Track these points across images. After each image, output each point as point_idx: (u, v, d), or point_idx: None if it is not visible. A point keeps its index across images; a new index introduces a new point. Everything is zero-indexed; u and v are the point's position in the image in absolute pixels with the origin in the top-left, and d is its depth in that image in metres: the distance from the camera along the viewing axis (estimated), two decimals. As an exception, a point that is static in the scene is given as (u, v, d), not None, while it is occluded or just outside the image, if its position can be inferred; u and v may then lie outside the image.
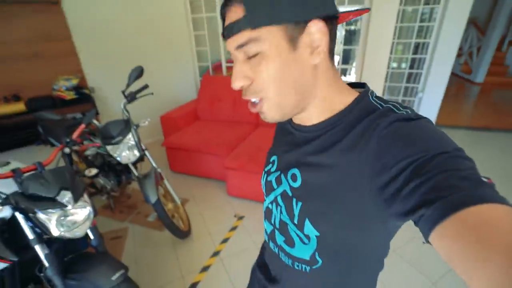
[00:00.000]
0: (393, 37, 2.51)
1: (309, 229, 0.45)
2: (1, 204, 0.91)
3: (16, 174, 0.96)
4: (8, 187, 0.97)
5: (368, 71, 2.63)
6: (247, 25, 0.37)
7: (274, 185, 0.53)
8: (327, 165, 0.43)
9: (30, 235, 0.96)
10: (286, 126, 0.55)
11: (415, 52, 3.45)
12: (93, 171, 1.24)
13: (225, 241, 1.90)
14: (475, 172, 0.31)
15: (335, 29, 0.42)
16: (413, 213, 0.30)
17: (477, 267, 0.24)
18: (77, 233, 1.03)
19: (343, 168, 0.41)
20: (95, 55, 2.81)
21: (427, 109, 3.50)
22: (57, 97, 2.61)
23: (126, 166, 1.78)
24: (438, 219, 0.28)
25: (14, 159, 1.19)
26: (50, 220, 0.96)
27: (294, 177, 0.48)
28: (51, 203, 0.96)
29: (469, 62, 6.05)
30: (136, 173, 1.74)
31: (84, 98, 2.72)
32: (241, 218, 2.10)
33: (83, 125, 1.29)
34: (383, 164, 0.35)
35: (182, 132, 2.72)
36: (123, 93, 1.69)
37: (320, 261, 0.48)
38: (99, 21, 2.73)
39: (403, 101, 3.75)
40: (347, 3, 2.66)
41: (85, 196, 1.10)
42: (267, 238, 0.60)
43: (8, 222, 0.99)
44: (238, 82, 0.42)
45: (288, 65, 0.39)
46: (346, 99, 0.44)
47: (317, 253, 0.47)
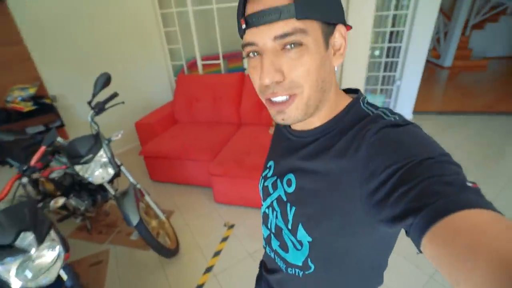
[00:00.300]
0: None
1: (302, 234, 0.46)
2: None
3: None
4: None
5: (349, 62, 2.58)
6: (294, 14, 0.35)
7: (271, 190, 0.53)
8: (319, 171, 0.43)
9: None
10: (283, 132, 0.55)
11: (389, 41, 3.47)
12: (60, 201, 1.07)
13: (217, 254, 1.79)
14: (460, 177, 0.31)
15: None
16: (401, 220, 0.30)
17: (464, 273, 0.23)
18: (45, 280, 0.87)
19: (335, 174, 0.41)
20: (54, 58, 2.51)
21: (405, 96, 3.56)
22: (12, 109, 2.32)
23: (101, 184, 1.60)
24: (425, 227, 0.27)
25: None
26: (9, 271, 0.80)
27: (289, 182, 0.49)
28: (8, 251, 0.80)
29: (437, 47, 6.27)
30: (113, 192, 1.57)
31: (45, 108, 2.44)
32: (231, 226, 2.00)
33: (43, 148, 1.10)
34: (372, 170, 0.36)
35: (160, 138, 2.53)
36: (89, 104, 1.49)
37: (313, 266, 0.49)
38: (54, 19, 2.43)
39: (382, 90, 3.79)
40: None
41: (52, 234, 0.94)
42: (264, 243, 0.61)
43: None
44: (272, 76, 0.38)
45: (323, 61, 0.39)
46: (340, 104, 0.46)
47: (309, 259, 0.48)
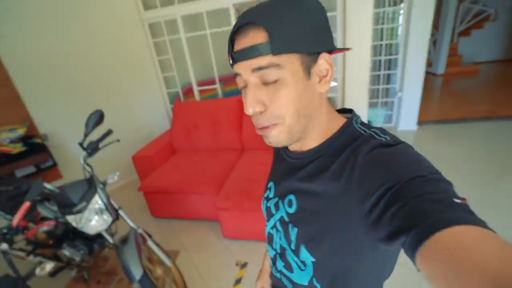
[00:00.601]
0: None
1: (305, 255, 0.46)
2: None
3: None
4: None
5: (352, 76, 2.52)
6: (269, 50, 0.37)
7: (273, 210, 0.54)
8: (318, 192, 0.44)
9: None
10: (280, 152, 0.56)
11: (385, 54, 3.46)
12: (47, 267, 0.91)
13: (231, 300, 1.59)
14: (449, 194, 0.31)
15: None
16: (395, 239, 0.31)
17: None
18: None
19: (333, 195, 0.42)
20: (44, 96, 2.40)
21: (408, 108, 3.49)
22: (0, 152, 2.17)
23: (97, 232, 1.43)
24: (416, 246, 0.28)
25: None
26: None
27: (290, 203, 0.49)
28: None
29: (428, 56, 6.35)
30: (111, 240, 1.40)
31: (36, 148, 2.30)
32: (244, 265, 1.81)
33: (27, 204, 0.95)
34: (366, 191, 0.36)
35: (160, 172, 2.38)
36: (81, 146, 1.36)
37: (319, 286, 0.49)
38: (42, 57, 2.34)
39: (383, 102, 3.73)
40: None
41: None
42: (271, 263, 0.60)
43: None
44: (254, 107, 0.41)
45: (303, 92, 0.41)
46: (334, 125, 0.46)
47: (314, 279, 0.48)
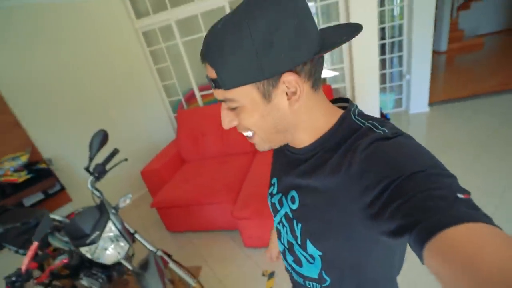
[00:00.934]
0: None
1: (312, 249, 0.47)
2: None
3: None
4: None
5: (360, 62, 2.38)
6: (220, 86, 0.39)
7: (278, 206, 0.54)
8: (318, 187, 0.44)
9: None
10: (281, 147, 0.55)
11: (389, 36, 3.32)
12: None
13: (263, 316, 1.49)
14: (452, 189, 0.31)
15: (320, 60, 0.41)
16: (398, 236, 0.31)
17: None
18: None
19: (332, 190, 0.42)
20: (44, 120, 2.32)
21: (418, 90, 3.35)
22: (5, 183, 2.09)
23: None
24: (421, 244, 0.28)
25: None
26: None
27: (293, 199, 0.50)
28: None
29: (430, 34, 6.18)
30: (130, 266, 1.30)
31: (41, 174, 2.22)
32: (271, 275, 1.70)
33: (35, 244, 0.86)
34: (366, 185, 0.36)
35: (171, 185, 2.29)
36: (87, 170, 1.26)
37: (329, 279, 0.50)
38: (37, 79, 2.25)
39: (391, 87, 3.59)
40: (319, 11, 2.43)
41: None
42: (282, 257, 0.61)
43: None
44: (227, 125, 0.45)
45: (265, 115, 0.41)
46: (330, 120, 0.45)
47: (323, 272, 0.49)
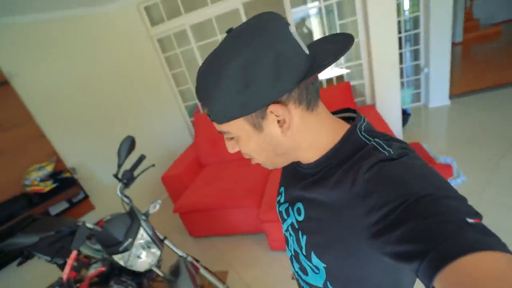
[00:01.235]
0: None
1: (316, 261, 0.47)
2: None
3: None
4: None
5: (378, 58, 2.31)
6: (213, 120, 0.42)
7: (285, 215, 0.55)
8: (323, 202, 0.44)
9: None
10: None
11: (405, 29, 3.24)
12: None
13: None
14: (461, 214, 0.30)
15: (312, 81, 0.41)
16: (406, 261, 0.30)
17: None
18: None
19: (336, 206, 0.42)
20: (66, 129, 2.36)
21: (437, 83, 3.24)
22: (32, 192, 2.14)
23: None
24: (433, 273, 0.27)
25: None
26: None
27: (299, 211, 0.50)
28: None
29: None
30: (162, 273, 1.29)
31: (66, 183, 2.26)
32: (301, 280, 1.66)
33: (74, 253, 0.85)
34: (370, 206, 0.36)
35: (192, 190, 2.28)
36: (116, 177, 1.26)
37: None
38: (58, 88, 2.29)
39: (407, 81, 3.49)
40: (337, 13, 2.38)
41: None
42: (290, 262, 0.61)
43: None
44: (231, 151, 0.47)
45: (260, 143, 0.43)
46: (334, 137, 0.45)
47: (328, 282, 0.49)
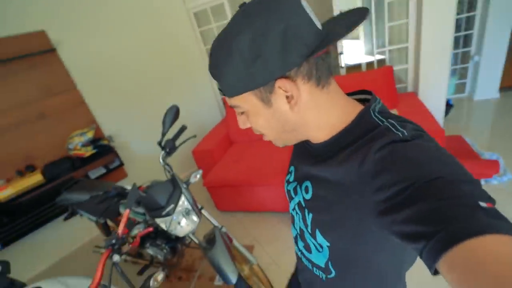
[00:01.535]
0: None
1: (320, 239, 0.48)
2: None
3: None
4: None
5: (429, 39, 2.15)
6: (224, 94, 0.43)
7: (293, 194, 0.55)
8: (331, 180, 0.44)
9: None
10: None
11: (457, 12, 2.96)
12: (159, 277, 0.85)
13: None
14: (474, 197, 0.29)
15: (322, 57, 0.40)
16: (413, 241, 0.30)
17: None
18: None
19: (344, 185, 0.41)
20: (105, 99, 2.45)
21: (487, 73, 2.98)
22: (74, 156, 2.28)
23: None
24: (439, 252, 0.27)
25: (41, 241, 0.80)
26: None
27: (306, 189, 0.50)
28: None
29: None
30: (197, 240, 1.35)
31: (103, 150, 2.38)
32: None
33: (127, 211, 0.90)
34: (379, 185, 0.36)
35: (222, 165, 2.32)
36: (159, 145, 1.30)
37: (334, 272, 0.50)
38: (98, 58, 2.37)
39: (454, 69, 3.24)
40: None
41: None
42: (294, 241, 0.62)
43: None
44: (242, 126, 0.49)
45: (269, 118, 0.43)
46: (347, 117, 0.44)
47: (330, 262, 0.50)
